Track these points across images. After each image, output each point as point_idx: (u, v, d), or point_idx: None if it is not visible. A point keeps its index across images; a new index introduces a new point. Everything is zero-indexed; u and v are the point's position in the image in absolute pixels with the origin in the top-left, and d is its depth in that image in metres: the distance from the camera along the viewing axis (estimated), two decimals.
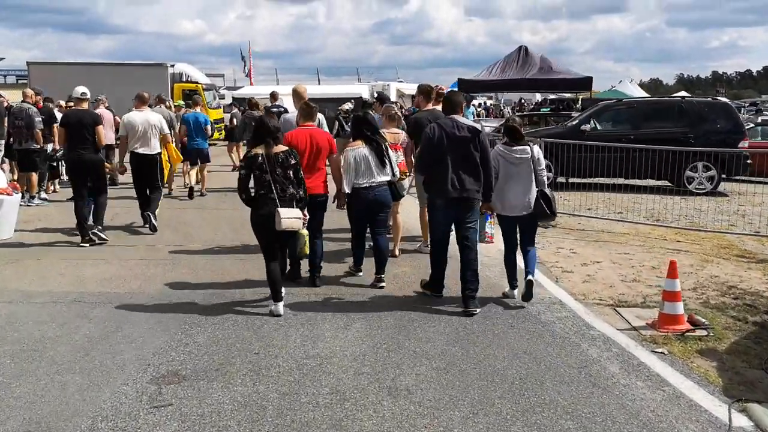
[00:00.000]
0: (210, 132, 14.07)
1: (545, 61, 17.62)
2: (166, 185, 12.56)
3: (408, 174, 7.84)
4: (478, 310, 5.99)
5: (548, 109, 21.91)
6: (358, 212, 6.67)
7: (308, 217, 6.15)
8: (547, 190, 6.25)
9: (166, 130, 10.32)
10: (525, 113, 21.36)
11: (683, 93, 37.19)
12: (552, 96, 33.86)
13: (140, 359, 4.86)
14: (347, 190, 6.55)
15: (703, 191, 12.99)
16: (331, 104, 20.78)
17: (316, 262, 6.85)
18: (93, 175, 8.99)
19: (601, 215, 10.68)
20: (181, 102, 17.24)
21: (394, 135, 7.81)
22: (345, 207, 6.83)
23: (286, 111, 11.85)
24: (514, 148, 6.20)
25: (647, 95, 32.91)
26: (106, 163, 10.19)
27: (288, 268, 6.81)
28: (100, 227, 9.01)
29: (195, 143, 13.41)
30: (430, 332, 5.47)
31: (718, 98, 14.59)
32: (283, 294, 5.99)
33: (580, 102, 22.80)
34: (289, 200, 5.84)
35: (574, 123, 14.23)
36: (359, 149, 6.55)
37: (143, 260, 7.89)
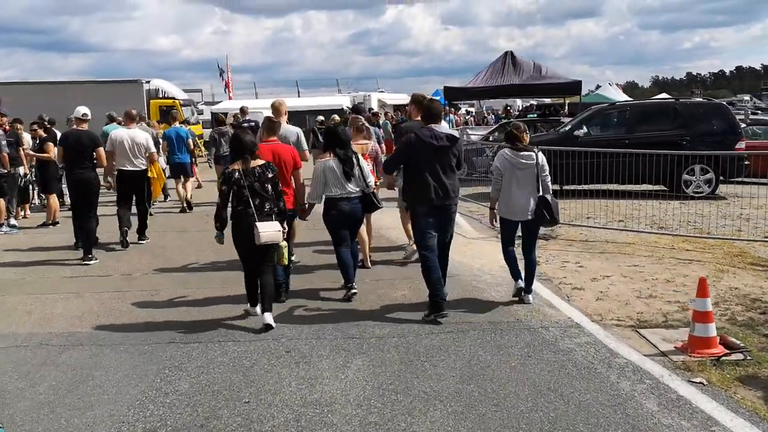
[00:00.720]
0: (192, 145, 14.27)
1: (533, 65, 17.19)
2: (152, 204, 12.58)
3: (377, 184, 7.66)
4: (445, 312, 6.02)
5: (535, 114, 21.46)
6: (337, 222, 6.66)
7: (287, 229, 6.18)
8: (549, 196, 6.34)
9: (153, 148, 10.29)
10: (512, 119, 20.88)
11: (664, 95, 37.06)
12: (533, 101, 33.58)
13: (113, 416, 4.25)
14: (315, 201, 6.68)
15: (702, 195, 12.58)
16: (313, 116, 20.60)
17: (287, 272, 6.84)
18: (87, 192, 9.06)
19: (603, 224, 10.21)
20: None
21: (362, 146, 7.66)
22: (307, 218, 7.01)
23: (257, 125, 11.47)
24: (521, 153, 6.30)
25: (629, 99, 32.61)
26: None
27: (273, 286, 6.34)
28: (89, 256, 8.83)
29: (176, 158, 13.60)
30: (440, 368, 4.91)
31: (712, 99, 14.16)
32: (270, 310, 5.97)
33: (567, 107, 22.43)
34: (268, 214, 5.86)
35: (566, 129, 13.78)
36: (328, 161, 6.59)
37: (118, 292, 7.25)
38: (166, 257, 9.07)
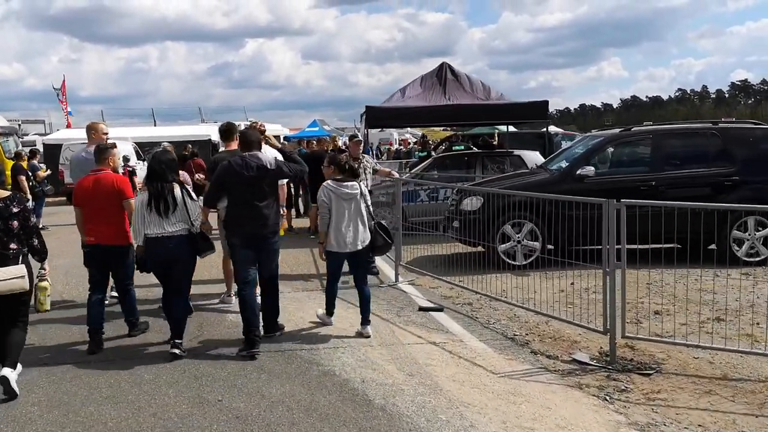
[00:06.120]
0: None
1: (481, 84, 12.86)
2: None
3: None
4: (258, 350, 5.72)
5: (462, 147, 17.34)
6: (148, 265, 5.94)
7: (47, 270, 6.20)
8: (384, 221, 6.70)
9: None
10: (443, 153, 16.52)
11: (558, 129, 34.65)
12: (427, 130, 29.42)
13: None
14: (134, 240, 5.98)
15: (758, 259, 8.77)
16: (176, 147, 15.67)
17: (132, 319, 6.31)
18: None
19: (695, 332, 5.85)
20: None
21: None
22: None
23: None
24: (345, 183, 6.23)
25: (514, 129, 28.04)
26: None
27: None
28: None
29: None
30: None
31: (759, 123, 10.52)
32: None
33: (497, 138, 18.53)
34: (14, 255, 5.02)
35: (563, 165, 9.56)
36: (144, 195, 5.87)
37: None
38: None
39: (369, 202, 6.42)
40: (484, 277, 7.64)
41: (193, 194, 6.11)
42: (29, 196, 14.57)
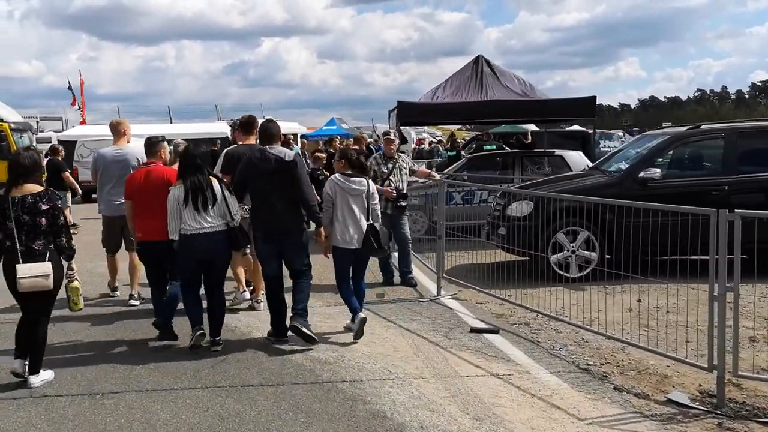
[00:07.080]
0: None
1: (517, 78, 11.94)
2: None
3: None
4: (306, 329, 5.71)
5: (494, 147, 16.44)
6: (180, 260, 5.74)
7: (75, 269, 6.20)
8: (377, 225, 6.16)
9: None
10: (475, 153, 15.56)
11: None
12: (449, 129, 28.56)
13: None
14: (171, 236, 5.66)
15: None
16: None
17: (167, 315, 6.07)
18: None
19: None
20: None
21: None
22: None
23: None
24: (353, 179, 6.04)
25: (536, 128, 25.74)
26: None
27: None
28: None
29: None
30: None
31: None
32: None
33: (530, 137, 17.57)
34: (41, 254, 4.92)
35: (622, 167, 8.62)
36: (179, 190, 5.63)
37: None
38: None
39: (376, 201, 6.25)
40: (536, 291, 6.80)
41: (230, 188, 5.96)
42: (79, 191, 13.84)
